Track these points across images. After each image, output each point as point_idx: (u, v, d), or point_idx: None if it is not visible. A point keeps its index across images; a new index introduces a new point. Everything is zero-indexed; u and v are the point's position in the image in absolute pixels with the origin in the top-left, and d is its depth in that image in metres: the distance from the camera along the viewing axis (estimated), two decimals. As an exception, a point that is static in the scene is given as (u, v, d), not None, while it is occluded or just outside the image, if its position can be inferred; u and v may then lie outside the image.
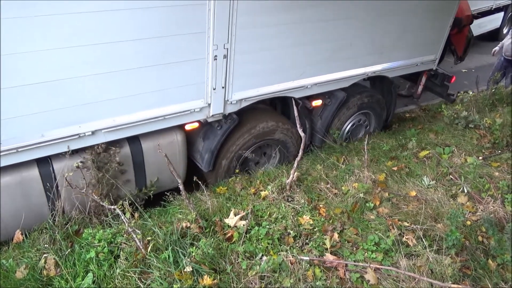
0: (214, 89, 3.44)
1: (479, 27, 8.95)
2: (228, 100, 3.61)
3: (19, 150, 2.84)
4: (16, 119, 2.71)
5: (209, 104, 3.52)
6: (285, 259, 2.87)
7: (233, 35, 3.28)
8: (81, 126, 3.00)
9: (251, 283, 2.72)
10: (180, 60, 3.16)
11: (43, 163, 3.10)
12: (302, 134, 3.70)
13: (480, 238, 3.12)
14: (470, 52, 6.32)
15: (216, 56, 3.28)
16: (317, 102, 4.51)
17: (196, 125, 3.71)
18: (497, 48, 6.94)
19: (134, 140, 3.45)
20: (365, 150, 3.96)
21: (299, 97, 4.18)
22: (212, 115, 3.61)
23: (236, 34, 3.28)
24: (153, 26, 2.90)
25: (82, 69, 2.79)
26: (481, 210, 3.41)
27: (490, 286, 2.67)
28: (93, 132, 3.07)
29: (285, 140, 4.35)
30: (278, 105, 4.73)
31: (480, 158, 4.26)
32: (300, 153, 3.70)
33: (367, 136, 4.49)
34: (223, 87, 3.49)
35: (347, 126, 4.98)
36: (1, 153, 2.78)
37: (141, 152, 3.48)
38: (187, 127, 3.68)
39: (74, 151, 3.14)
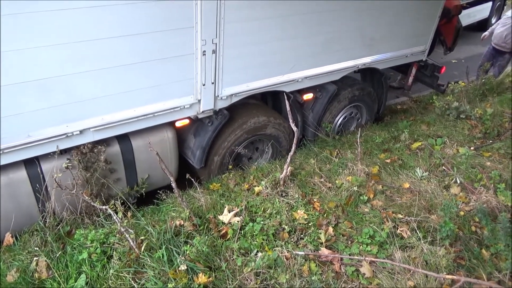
0: (204, 85, 3.39)
1: (468, 17, 8.98)
2: (218, 96, 3.57)
3: (5, 151, 2.77)
4: (1, 120, 2.64)
5: (199, 100, 3.48)
6: (280, 254, 2.86)
7: (222, 30, 3.23)
8: (68, 126, 2.94)
9: (247, 280, 2.71)
10: (168, 56, 3.11)
11: (31, 164, 3.03)
12: (294, 128, 3.68)
13: (473, 228, 3.13)
14: (459, 42, 6.33)
15: (204, 51, 3.23)
16: (308, 96, 4.49)
17: (186, 121, 3.67)
18: (486, 33, 6.95)
19: (124, 139, 3.39)
20: (358, 143, 3.95)
21: (290, 91, 4.15)
22: (203, 111, 3.56)
23: (225, 28, 3.24)
24: (139, 22, 2.85)
25: (69, 67, 2.73)
26: (474, 200, 3.42)
27: (484, 276, 2.68)
28: (81, 131, 3.01)
29: (277, 134, 4.33)
30: (269, 99, 4.70)
31: (472, 148, 4.28)
32: (293, 148, 3.68)
33: (359, 129, 4.49)
34: (212, 83, 3.45)
35: (339, 119, 4.97)
36: None
37: (131, 150, 3.43)
38: (178, 124, 3.64)
39: (63, 151, 3.08)
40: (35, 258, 2.83)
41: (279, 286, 2.65)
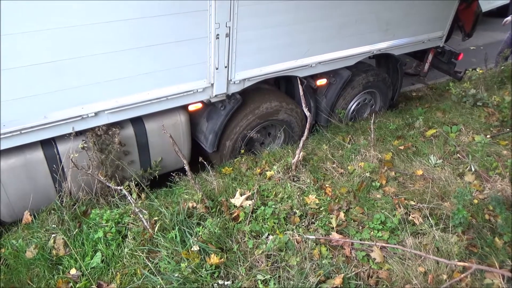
0: (217, 68, 3.39)
1: (489, 2, 8.71)
2: (231, 80, 3.56)
3: (22, 132, 2.83)
4: (18, 101, 2.70)
5: (212, 84, 3.48)
6: (291, 238, 2.89)
7: (235, 13, 3.20)
8: (83, 108, 2.98)
9: (258, 262, 2.75)
10: (181, 40, 3.10)
11: (48, 144, 3.09)
12: (307, 113, 3.66)
13: (487, 217, 3.10)
14: (478, 29, 6.14)
15: (218, 35, 3.22)
16: (321, 81, 4.45)
17: (199, 105, 3.68)
18: (509, 18, 6.73)
19: (137, 122, 3.43)
20: (372, 129, 3.92)
21: (304, 76, 4.12)
22: (215, 95, 3.57)
23: (239, 12, 3.21)
24: (154, 4, 2.83)
25: (84, 49, 2.75)
26: (489, 189, 3.38)
27: (496, 264, 2.67)
28: (96, 113, 3.05)
29: (289, 120, 4.32)
30: (282, 84, 4.67)
31: (488, 136, 4.19)
32: (306, 133, 3.67)
33: (373, 115, 4.45)
34: (225, 67, 3.44)
35: (352, 106, 4.92)
36: (4, 135, 2.77)
37: (144, 133, 3.47)
38: (191, 108, 3.65)
39: (78, 133, 3.13)
40: (52, 236, 2.91)
41: (289, 269, 2.68)
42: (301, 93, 3.83)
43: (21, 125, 2.81)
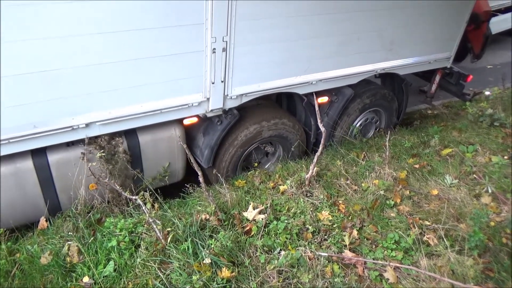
0: (213, 83, 3.35)
1: (506, 22, 8.67)
2: (228, 95, 3.51)
3: (11, 141, 2.82)
4: (8, 110, 2.69)
5: (208, 99, 3.43)
6: (303, 254, 2.88)
7: (233, 28, 3.17)
8: (74, 118, 2.95)
9: (269, 277, 2.73)
10: (177, 53, 3.08)
11: (38, 154, 3.08)
12: (322, 129, 3.66)
13: (504, 240, 3.03)
14: (495, 47, 6.08)
15: (214, 49, 3.19)
16: (323, 99, 4.32)
17: (195, 120, 3.64)
18: None
19: (131, 134, 3.40)
20: (386, 147, 3.90)
21: (304, 93, 4.03)
22: (211, 110, 3.52)
23: (236, 26, 3.18)
24: (148, 17, 2.82)
25: (76, 59, 2.74)
26: (506, 211, 3.32)
27: (514, 290, 2.61)
28: (87, 125, 3.02)
29: (278, 134, 4.17)
30: (284, 100, 4.60)
31: (506, 157, 4.13)
32: (320, 148, 3.67)
33: (388, 132, 4.41)
34: (222, 81, 3.40)
35: (356, 124, 4.83)
36: None
37: (138, 145, 3.43)
38: (186, 122, 3.61)
39: (70, 143, 3.14)
40: (67, 243, 2.95)
41: (301, 286, 2.66)
42: (316, 108, 3.80)
43: (10, 134, 2.79)
